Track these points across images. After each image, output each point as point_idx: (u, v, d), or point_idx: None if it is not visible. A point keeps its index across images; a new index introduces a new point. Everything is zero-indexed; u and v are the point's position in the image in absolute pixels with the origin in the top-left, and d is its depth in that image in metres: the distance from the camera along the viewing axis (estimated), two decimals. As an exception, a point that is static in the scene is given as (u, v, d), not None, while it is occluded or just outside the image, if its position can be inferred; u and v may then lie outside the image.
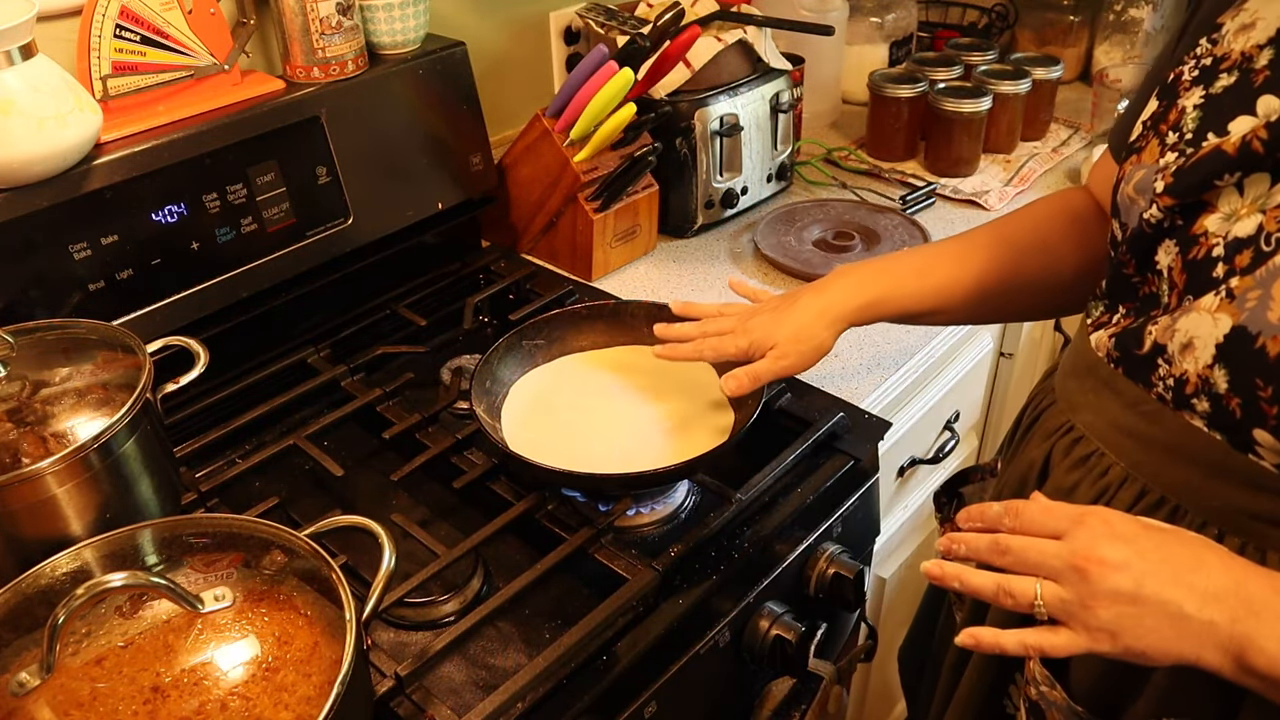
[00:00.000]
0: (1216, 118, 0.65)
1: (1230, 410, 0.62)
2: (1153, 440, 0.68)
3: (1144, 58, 1.77)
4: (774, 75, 1.39)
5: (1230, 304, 0.61)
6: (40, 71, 0.85)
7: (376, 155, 1.14)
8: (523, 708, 0.74)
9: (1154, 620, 0.58)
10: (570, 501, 0.90)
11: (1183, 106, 0.67)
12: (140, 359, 0.79)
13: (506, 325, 1.07)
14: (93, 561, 0.69)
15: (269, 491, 0.94)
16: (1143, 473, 0.70)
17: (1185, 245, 0.65)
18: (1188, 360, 0.64)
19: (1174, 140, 0.67)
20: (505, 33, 1.39)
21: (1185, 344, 0.64)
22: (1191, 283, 0.65)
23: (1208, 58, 0.68)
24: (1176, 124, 0.67)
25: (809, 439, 0.96)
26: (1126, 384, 0.70)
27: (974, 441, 1.47)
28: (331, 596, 0.66)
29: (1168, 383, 0.66)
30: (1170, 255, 0.67)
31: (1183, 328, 0.64)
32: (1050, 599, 0.61)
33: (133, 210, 0.95)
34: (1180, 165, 0.65)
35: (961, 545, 0.67)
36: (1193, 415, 0.65)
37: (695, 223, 1.38)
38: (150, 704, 0.62)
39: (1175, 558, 0.60)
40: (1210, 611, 0.58)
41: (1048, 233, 0.89)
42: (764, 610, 0.88)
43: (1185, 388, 0.65)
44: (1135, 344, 0.69)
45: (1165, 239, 0.67)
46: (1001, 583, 0.63)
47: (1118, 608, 0.59)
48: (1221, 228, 0.63)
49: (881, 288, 0.90)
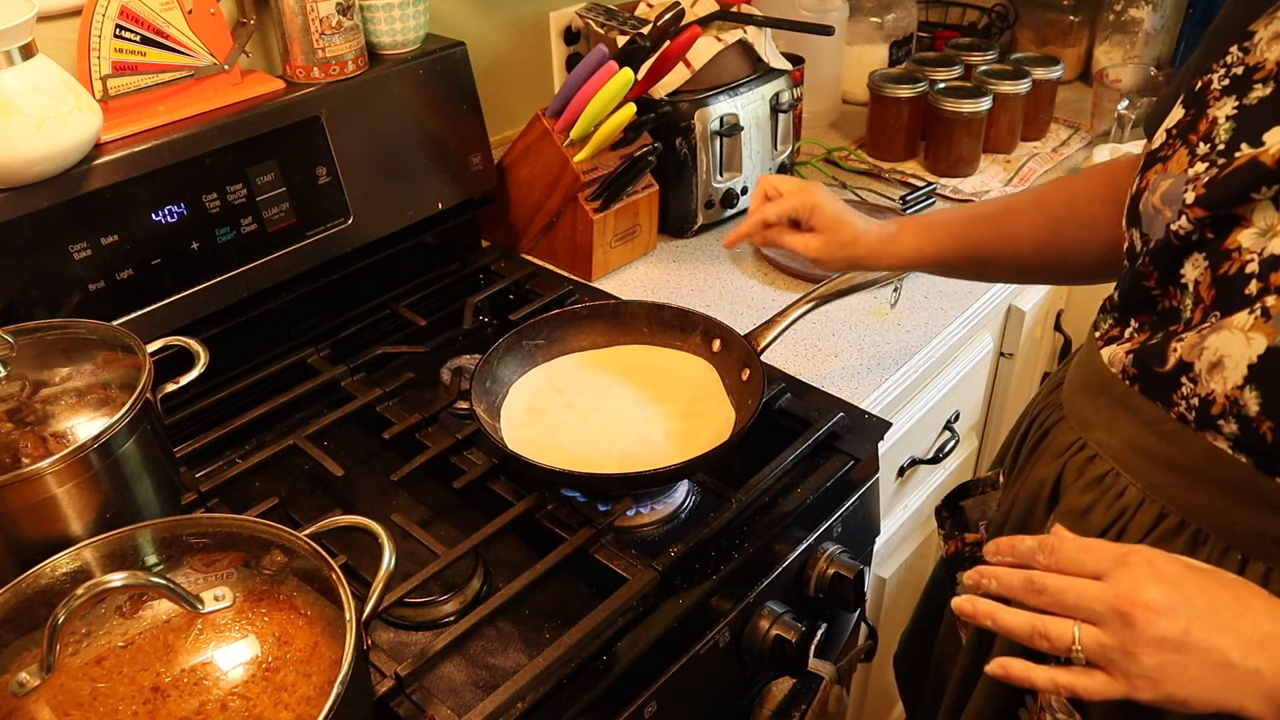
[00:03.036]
0: (1251, 128, 0.62)
1: (1261, 434, 0.60)
2: (1172, 461, 0.66)
3: (1144, 58, 1.77)
4: (774, 75, 1.39)
5: (1266, 324, 0.59)
6: (40, 71, 0.85)
7: (376, 155, 1.14)
8: (523, 708, 0.74)
9: (1199, 668, 0.56)
10: (570, 501, 0.90)
11: (1214, 116, 0.65)
12: (140, 359, 0.79)
13: (506, 325, 1.07)
14: (93, 561, 0.69)
15: (269, 491, 0.94)
16: (1161, 495, 0.67)
17: (1216, 260, 0.63)
18: (1215, 380, 0.62)
19: (1205, 151, 0.65)
20: (505, 33, 1.39)
21: (1215, 363, 0.62)
22: (1221, 299, 0.63)
23: (1239, 66, 0.66)
24: (1208, 134, 0.65)
25: (809, 439, 0.96)
26: (1144, 402, 0.68)
27: (974, 441, 1.47)
28: (331, 596, 0.66)
29: (1191, 402, 0.64)
30: (1199, 269, 0.64)
31: (1212, 346, 0.62)
32: (1089, 644, 0.58)
33: (133, 210, 0.95)
34: (1213, 176, 0.62)
35: (993, 581, 0.63)
36: (1217, 437, 0.63)
37: (695, 223, 1.38)
38: (150, 704, 0.62)
39: (1220, 602, 0.57)
40: (1256, 659, 0.55)
41: (1085, 204, 0.87)
42: (764, 610, 0.88)
43: (1211, 408, 0.62)
44: (1157, 361, 0.66)
45: (1194, 252, 0.65)
46: (1037, 624, 0.60)
47: (1162, 655, 0.56)
48: (1257, 244, 0.61)
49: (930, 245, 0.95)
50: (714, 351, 1.02)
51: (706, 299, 1.26)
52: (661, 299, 1.25)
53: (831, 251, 0.95)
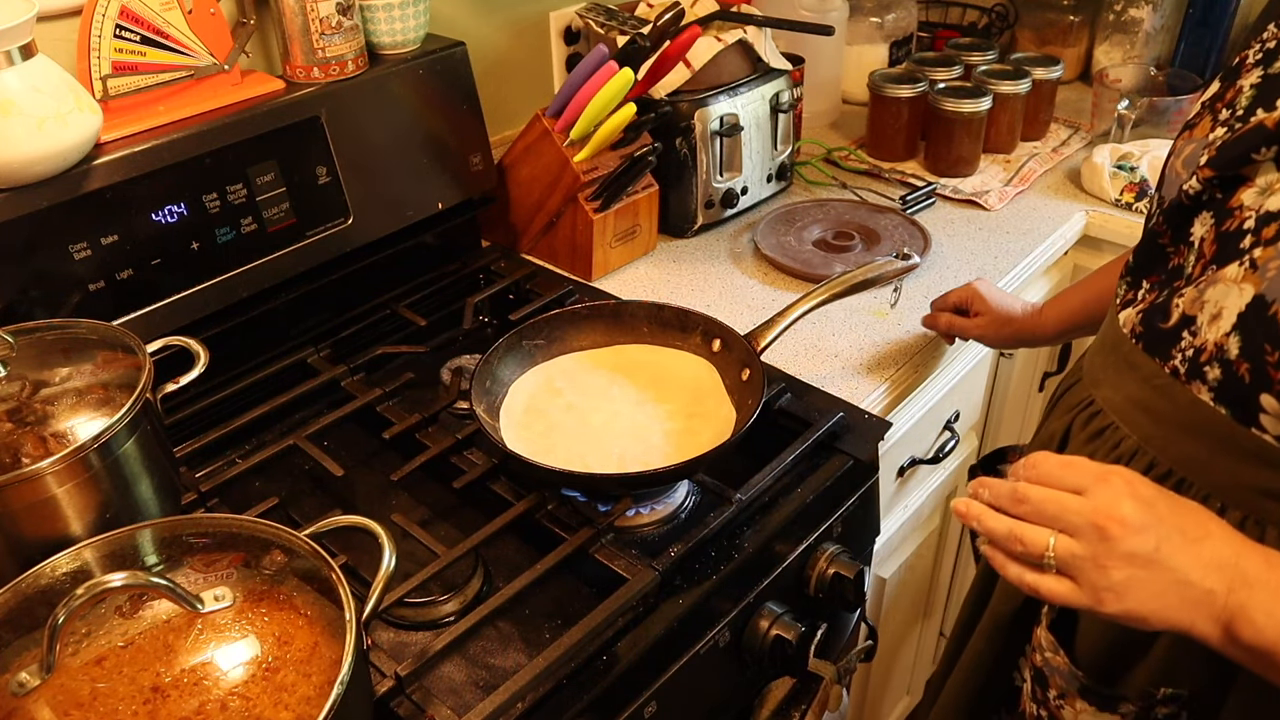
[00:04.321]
0: (1269, 95, 0.66)
1: (1240, 377, 0.63)
2: (1163, 414, 0.70)
3: (1144, 58, 1.77)
4: (774, 75, 1.39)
5: (1254, 274, 0.62)
6: (40, 71, 0.85)
7: (376, 155, 1.14)
8: (523, 708, 0.74)
9: (1161, 585, 0.58)
10: (570, 501, 0.90)
11: (1240, 86, 0.69)
12: (140, 359, 0.79)
13: (506, 325, 1.07)
14: (93, 561, 0.69)
15: (269, 491, 0.94)
16: (1153, 446, 0.71)
17: (1220, 217, 0.67)
18: (1212, 330, 0.65)
19: (1226, 117, 0.69)
20: (505, 33, 1.39)
21: (1215, 314, 0.65)
22: (1219, 254, 0.66)
23: (1273, 41, 0.69)
24: (1231, 102, 0.69)
25: (809, 439, 0.96)
26: (1144, 359, 0.72)
27: (974, 441, 1.47)
28: (331, 596, 0.66)
29: (1186, 354, 0.68)
30: (1205, 226, 0.68)
31: (1211, 298, 0.65)
32: (1062, 553, 0.60)
33: (133, 210, 0.95)
34: (1225, 139, 0.67)
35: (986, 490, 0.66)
36: (1202, 387, 0.66)
37: (695, 223, 1.38)
38: (150, 704, 0.62)
39: (1186, 524, 0.60)
40: (1211, 580, 0.58)
41: None
42: (764, 610, 0.88)
43: (1201, 355, 0.66)
44: (1161, 317, 0.70)
45: (1203, 211, 0.69)
46: (1015, 528, 0.62)
47: (1131, 570, 0.58)
48: (1256, 201, 0.64)
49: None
50: (714, 351, 1.02)
51: (706, 299, 1.26)
52: (661, 299, 1.25)
53: (996, 329, 1.11)
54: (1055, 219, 1.42)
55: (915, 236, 1.35)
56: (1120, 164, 1.45)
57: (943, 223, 1.41)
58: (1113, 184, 1.44)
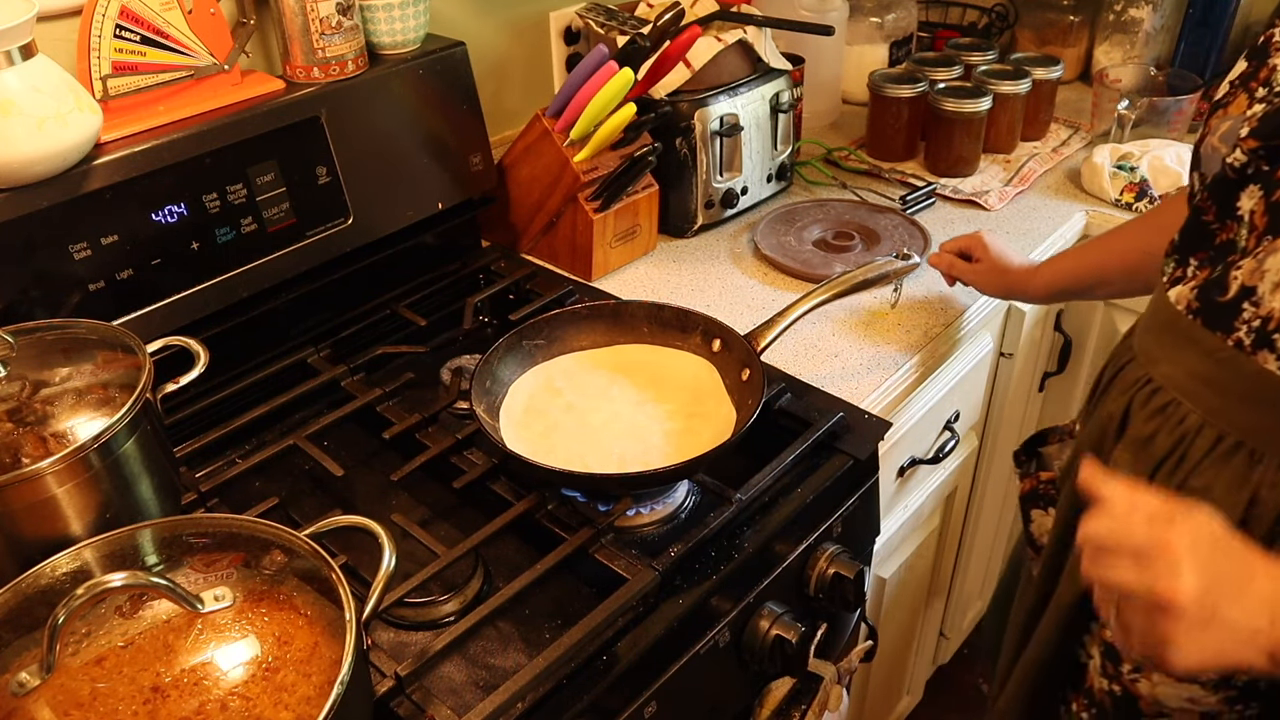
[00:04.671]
0: None
1: None
2: (1227, 387, 0.71)
3: (1144, 58, 1.77)
4: (774, 75, 1.39)
5: None
6: (40, 71, 0.85)
7: (376, 155, 1.14)
8: (523, 708, 0.74)
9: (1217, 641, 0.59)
10: (570, 501, 0.90)
11: (1274, 64, 0.70)
12: (140, 359, 0.79)
13: (506, 325, 1.07)
14: (93, 561, 0.69)
15: (269, 491, 0.94)
16: (1219, 419, 0.72)
17: (1270, 188, 0.67)
18: (1278, 298, 0.66)
19: (1263, 94, 0.70)
20: (505, 33, 1.39)
21: (1277, 283, 0.66)
22: (1273, 224, 0.67)
23: None
24: (1267, 80, 0.70)
25: (809, 439, 0.96)
26: (1204, 333, 0.72)
27: (974, 441, 1.47)
28: (331, 596, 0.66)
29: (1252, 325, 0.68)
30: (1254, 199, 0.69)
31: (1272, 267, 0.66)
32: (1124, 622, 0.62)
33: (133, 210, 0.95)
34: (1267, 111, 0.67)
35: None
36: (1269, 356, 0.67)
37: (695, 223, 1.38)
38: (150, 704, 0.62)
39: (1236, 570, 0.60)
40: (1259, 619, 0.58)
41: None
42: (764, 610, 0.88)
43: (1269, 325, 0.67)
44: (1219, 291, 0.71)
45: (1249, 184, 0.69)
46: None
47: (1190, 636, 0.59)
48: None
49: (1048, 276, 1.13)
50: (714, 351, 1.02)
51: (706, 299, 1.26)
52: (661, 299, 1.25)
53: (991, 278, 1.16)
54: (1055, 219, 1.42)
55: (915, 236, 1.35)
56: (1120, 164, 1.45)
57: (943, 223, 1.41)
58: (1113, 184, 1.44)
